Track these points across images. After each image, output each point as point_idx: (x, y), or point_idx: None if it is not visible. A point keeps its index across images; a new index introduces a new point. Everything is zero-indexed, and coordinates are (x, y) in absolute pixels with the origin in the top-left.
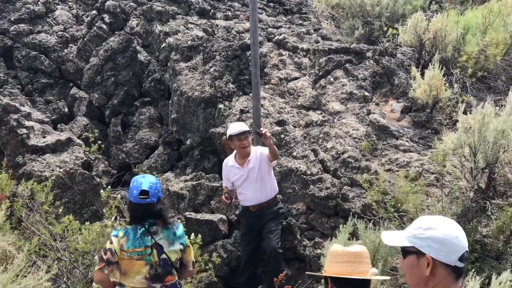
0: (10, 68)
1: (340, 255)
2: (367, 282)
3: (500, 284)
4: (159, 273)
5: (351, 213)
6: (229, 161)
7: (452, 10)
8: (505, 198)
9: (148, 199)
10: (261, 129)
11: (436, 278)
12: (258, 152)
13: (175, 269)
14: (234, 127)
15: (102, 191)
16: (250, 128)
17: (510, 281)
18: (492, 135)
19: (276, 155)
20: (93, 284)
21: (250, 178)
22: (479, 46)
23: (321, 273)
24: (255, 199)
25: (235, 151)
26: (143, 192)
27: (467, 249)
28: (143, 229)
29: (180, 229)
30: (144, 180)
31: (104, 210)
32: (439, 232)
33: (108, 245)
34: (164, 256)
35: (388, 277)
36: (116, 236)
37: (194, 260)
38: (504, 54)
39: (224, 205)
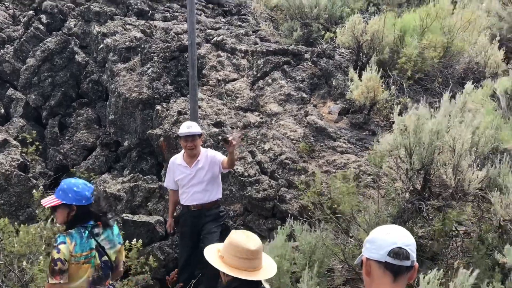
0: None
1: (240, 251)
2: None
3: (428, 283)
4: (101, 276)
5: (288, 214)
6: (177, 159)
7: (389, 13)
8: (440, 199)
9: (90, 199)
10: (229, 136)
11: (374, 278)
12: (210, 154)
13: (113, 271)
14: (183, 127)
15: (34, 191)
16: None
17: (437, 279)
18: (427, 137)
19: (233, 164)
20: None
21: (196, 178)
22: (416, 48)
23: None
24: (198, 200)
25: (183, 150)
26: (92, 193)
27: (402, 246)
28: (87, 231)
29: (116, 229)
30: (82, 181)
31: (37, 212)
32: (372, 233)
33: (56, 255)
34: (105, 257)
35: (271, 275)
36: (65, 243)
37: (124, 261)
38: (441, 56)
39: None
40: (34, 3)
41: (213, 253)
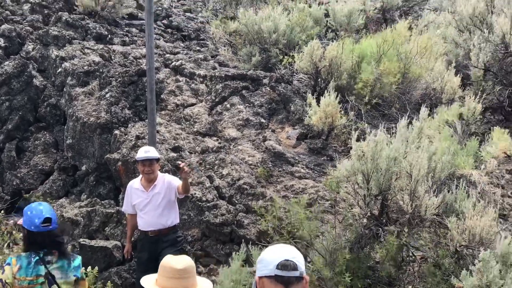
0: None
1: (167, 271)
2: None
3: None
4: None
5: (246, 239)
6: (134, 183)
7: (347, 39)
8: (397, 225)
9: (50, 226)
10: (179, 162)
11: None
12: (167, 180)
13: None
14: (141, 152)
15: None
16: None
17: None
18: (384, 163)
19: (188, 190)
20: None
21: (152, 202)
22: (374, 74)
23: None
24: (155, 225)
25: (141, 174)
26: (46, 220)
27: (288, 258)
28: (37, 257)
29: (77, 261)
30: (44, 208)
31: None
32: (261, 255)
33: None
34: (54, 286)
35: None
36: (9, 264)
37: None
38: (399, 82)
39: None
40: None
41: (150, 279)
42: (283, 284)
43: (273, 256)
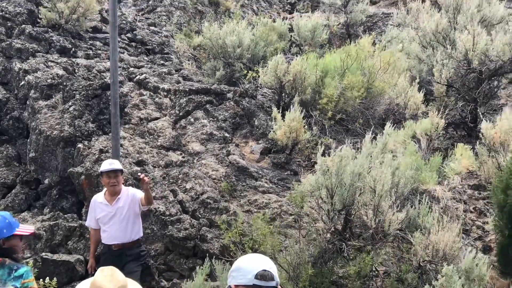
0: None
1: None
2: None
3: None
4: None
5: (209, 254)
6: (98, 197)
7: (311, 53)
8: (361, 239)
9: None
10: (139, 173)
11: None
12: (130, 192)
13: None
14: (105, 164)
15: None
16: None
17: None
18: (349, 178)
19: (151, 201)
20: None
21: (117, 216)
22: (338, 89)
23: None
24: (118, 238)
25: (105, 188)
26: None
27: (266, 268)
28: None
29: (20, 271)
30: None
31: None
32: (236, 263)
33: None
34: None
35: None
36: None
37: None
38: (363, 97)
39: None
40: None
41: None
42: None
43: (251, 266)
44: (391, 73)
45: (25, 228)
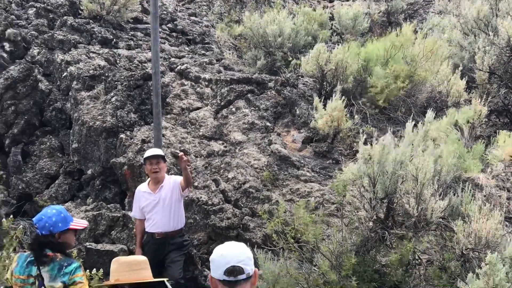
0: None
1: (130, 264)
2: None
3: None
4: None
5: (252, 243)
6: (142, 187)
7: (353, 42)
8: (403, 228)
9: (37, 230)
10: (178, 151)
11: None
12: (172, 180)
13: None
14: (148, 152)
15: (4, 220)
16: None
17: None
18: (391, 166)
19: (189, 181)
20: None
21: (160, 204)
22: (380, 77)
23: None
24: (162, 227)
25: (149, 178)
26: (34, 223)
27: (235, 264)
28: (33, 258)
29: (70, 268)
30: (43, 211)
31: (4, 241)
32: (213, 253)
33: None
34: None
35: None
36: (14, 261)
37: None
38: (404, 86)
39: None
40: None
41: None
42: (230, 286)
43: (221, 261)
44: (433, 61)
45: (79, 223)
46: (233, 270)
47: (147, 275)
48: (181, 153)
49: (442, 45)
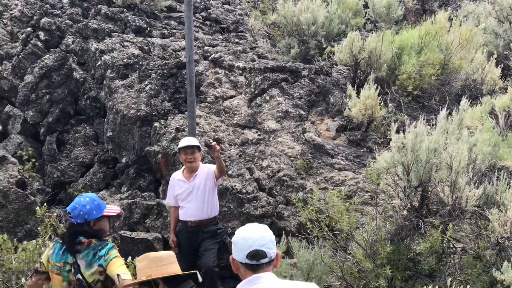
0: None
1: (160, 259)
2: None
3: None
4: None
5: (286, 231)
6: (177, 174)
7: (387, 30)
8: (438, 216)
9: (72, 219)
10: (211, 140)
11: (242, 274)
12: (206, 168)
13: None
14: (182, 141)
15: (38, 209)
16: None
17: None
18: (424, 154)
19: (223, 170)
20: None
21: (194, 193)
22: (414, 66)
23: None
24: (195, 215)
25: (183, 166)
26: (68, 212)
27: (257, 248)
28: (64, 245)
29: (104, 250)
30: (76, 200)
31: (39, 229)
32: (235, 235)
33: (42, 256)
34: (79, 276)
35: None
36: (48, 247)
37: (119, 273)
38: (439, 74)
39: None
40: (32, 20)
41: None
42: (252, 269)
43: (243, 245)
44: (468, 49)
45: (112, 209)
46: (256, 254)
47: (177, 269)
48: (214, 143)
49: (477, 33)
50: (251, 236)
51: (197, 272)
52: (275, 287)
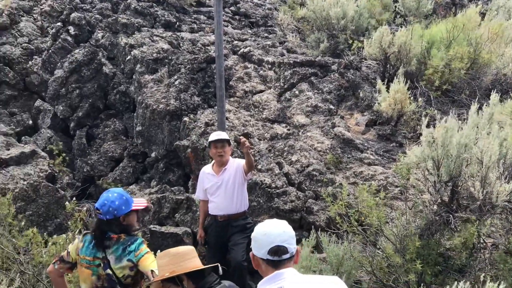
0: None
1: (182, 255)
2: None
3: None
4: (105, 287)
5: (315, 226)
6: (206, 168)
7: (416, 24)
8: (468, 211)
9: (101, 215)
10: (241, 136)
11: (263, 270)
12: (236, 163)
13: (124, 286)
14: (213, 135)
15: (67, 203)
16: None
17: None
18: (455, 149)
19: (251, 165)
20: None
21: (223, 187)
22: (444, 60)
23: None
24: (224, 209)
25: (213, 160)
26: (97, 208)
27: (279, 244)
28: (94, 240)
29: (134, 245)
30: (104, 196)
31: (69, 223)
32: (255, 230)
33: (69, 246)
34: (109, 271)
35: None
36: (78, 239)
37: (153, 270)
38: (468, 68)
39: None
40: (62, 15)
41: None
42: (274, 265)
43: (264, 241)
44: (498, 43)
45: (139, 202)
46: (277, 250)
47: (199, 263)
48: (243, 139)
49: (507, 27)
50: (272, 232)
51: (219, 265)
52: (299, 283)
